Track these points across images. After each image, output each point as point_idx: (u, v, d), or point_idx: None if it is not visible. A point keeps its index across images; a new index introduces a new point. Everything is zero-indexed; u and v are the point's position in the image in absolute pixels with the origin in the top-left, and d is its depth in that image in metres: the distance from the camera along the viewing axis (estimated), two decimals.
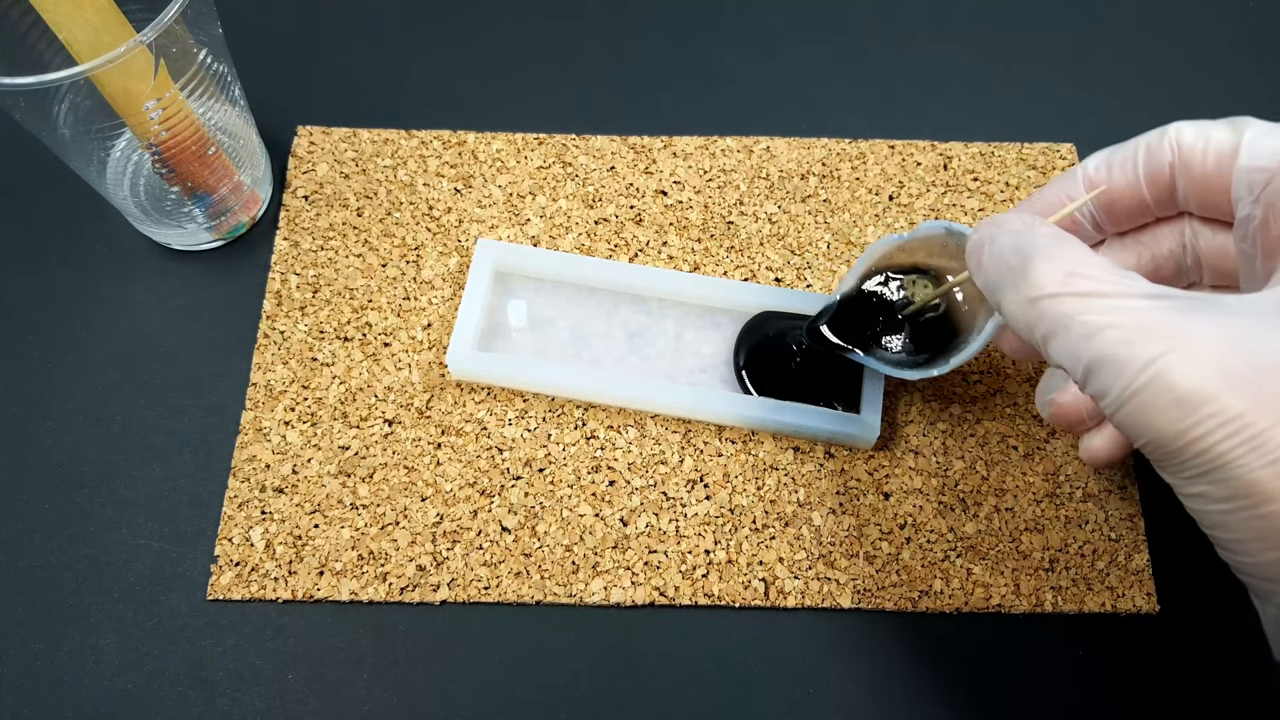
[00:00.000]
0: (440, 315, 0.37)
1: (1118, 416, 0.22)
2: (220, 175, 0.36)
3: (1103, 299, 0.22)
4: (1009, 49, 0.45)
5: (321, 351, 0.37)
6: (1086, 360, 0.22)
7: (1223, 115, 0.44)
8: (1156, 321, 0.21)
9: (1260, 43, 0.45)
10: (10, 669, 0.32)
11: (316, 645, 0.32)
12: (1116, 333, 0.21)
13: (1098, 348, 0.21)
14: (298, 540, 0.33)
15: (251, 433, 0.35)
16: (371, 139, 0.41)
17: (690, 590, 0.33)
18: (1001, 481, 0.35)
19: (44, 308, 0.37)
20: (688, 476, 0.35)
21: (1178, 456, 0.21)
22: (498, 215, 0.40)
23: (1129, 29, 0.45)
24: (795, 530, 0.34)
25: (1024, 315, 0.23)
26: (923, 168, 0.41)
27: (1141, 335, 0.21)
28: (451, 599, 0.33)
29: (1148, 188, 0.27)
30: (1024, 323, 0.23)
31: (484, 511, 0.34)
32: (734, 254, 0.39)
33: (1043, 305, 0.23)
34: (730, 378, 0.36)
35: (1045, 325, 0.23)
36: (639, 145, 0.41)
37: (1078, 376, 0.22)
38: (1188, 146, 0.26)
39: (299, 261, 0.39)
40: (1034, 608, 0.33)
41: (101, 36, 0.30)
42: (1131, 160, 0.28)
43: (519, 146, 0.41)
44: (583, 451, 0.35)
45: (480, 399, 0.36)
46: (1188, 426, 0.20)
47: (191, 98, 0.33)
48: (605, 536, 0.34)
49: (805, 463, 0.35)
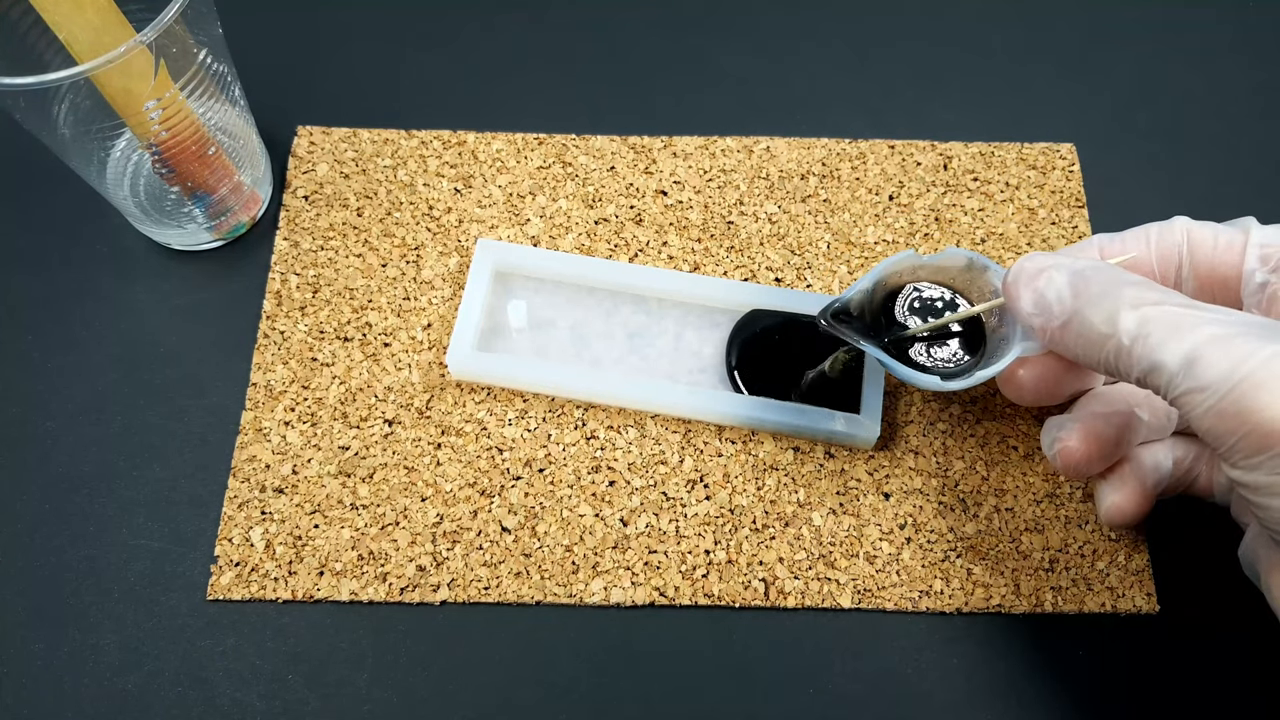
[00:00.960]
0: (440, 315, 0.37)
1: (1219, 405, 0.23)
2: (220, 175, 0.36)
3: (1203, 310, 0.24)
4: (1009, 49, 0.45)
5: (321, 351, 0.37)
6: (1186, 351, 0.23)
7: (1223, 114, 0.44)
8: (1256, 325, 0.24)
9: (1260, 42, 0.45)
10: (10, 669, 0.32)
11: (316, 645, 0.32)
12: (1221, 329, 0.23)
13: (1203, 340, 0.23)
14: (298, 540, 0.33)
15: (251, 433, 0.35)
16: (371, 139, 0.41)
17: (690, 590, 0.33)
18: (1001, 481, 0.35)
19: (44, 308, 0.37)
20: (688, 476, 0.35)
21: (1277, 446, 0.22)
22: (498, 215, 0.40)
23: (1129, 29, 0.45)
24: (795, 530, 0.34)
25: (1119, 323, 0.25)
26: (923, 168, 0.41)
27: (1244, 333, 0.23)
28: (451, 599, 0.33)
29: (1157, 261, 0.30)
30: (1111, 330, 0.25)
31: (484, 512, 0.34)
32: (734, 254, 0.39)
33: (1146, 311, 0.25)
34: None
35: (1146, 327, 0.24)
36: (639, 145, 0.41)
37: (1173, 370, 0.24)
38: (1196, 232, 0.29)
39: (299, 261, 0.39)
40: (1034, 608, 0.33)
41: (102, 36, 0.30)
42: (1143, 235, 0.30)
43: (519, 146, 0.41)
44: (583, 451, 0.35)
45: (480, 399, 0.36)
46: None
47: (191, 98, 0.33)
48: (605, 537, 0.34)
49: (805, 463, 0.35)
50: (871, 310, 0.32)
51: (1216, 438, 0.24)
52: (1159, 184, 0.41)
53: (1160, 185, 0.41)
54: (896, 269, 0.32)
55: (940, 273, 0.32)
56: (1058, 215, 0.40)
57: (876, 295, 0.33)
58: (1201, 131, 0.42)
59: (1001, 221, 0.40)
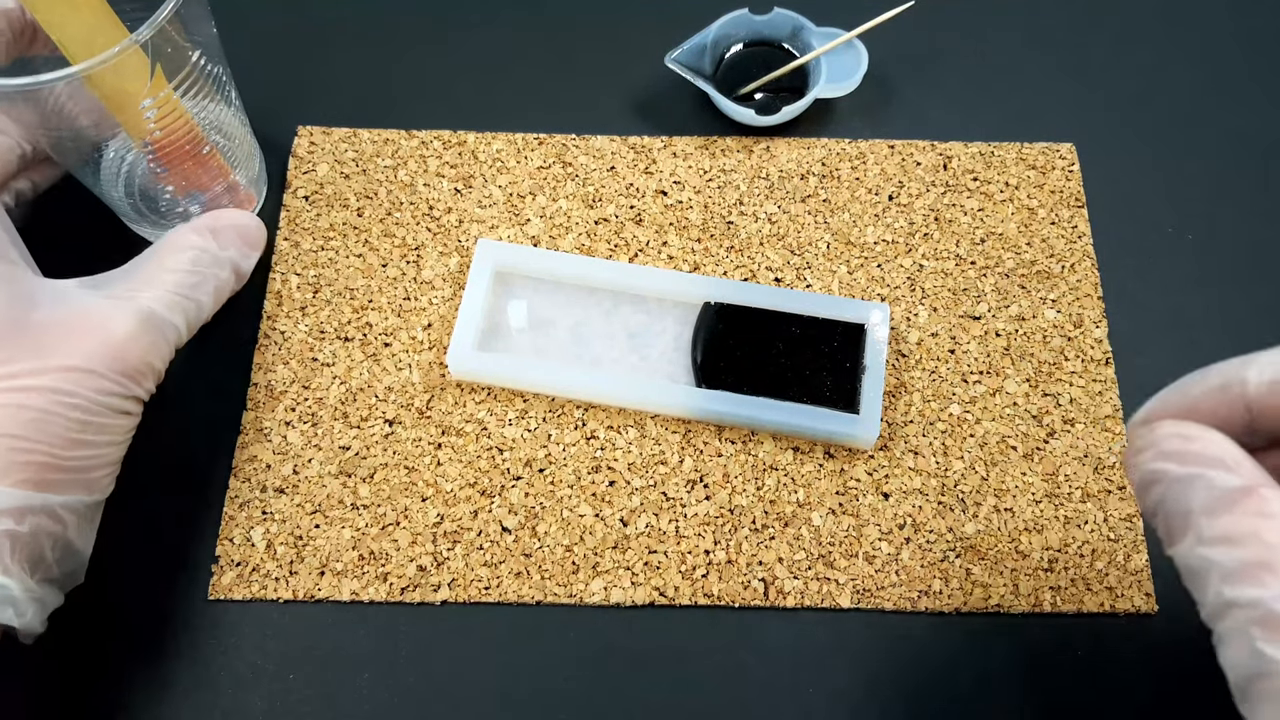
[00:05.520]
0: (440, 315, 0.37)
1: None
2: (214, 174, 0.36)
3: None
4: (1009, 49, 0.45)
5: (322, 352, 0.37)
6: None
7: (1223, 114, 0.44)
8: None
9: (1260, 42, 0.45)
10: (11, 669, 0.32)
11: (317, 645, 0.32)
12: None
13: None
14: (298, 540, 0.34)
15: (252, 433, 0.35)
16: (371, 139, 0.41)
17: (690, 590, 0.33)
18: (1001, 481, 0.35)
19: None
20: (687, 477, 0.35)
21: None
22: (498, 215, 0.40)
23: (1129, 29, 0.45)
24: (795, 530, 0.34)
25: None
26: (922, 167, 0.41)
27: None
28: (452, 599, 0.33)
29: None
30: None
31: (484, 512, 0.34)
32: (734, 254, 0.39)
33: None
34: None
35: None
36: (639, 145, 0.41)
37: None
38: None
39: (299, 261, 0.39)
40: (1033, 608, 0.33)
41: (95, 37, 0.30)
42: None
43: (519, 146, 0.41)
44: (583, 452, 0.35)
45: (480, 399, 0.36)
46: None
47: (186, 97, 0.33)
48: (605, 537, 0.34)
49: (805, 463, 0.35)
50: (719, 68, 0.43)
51: None
52: (1159, 184, 0.41)
53: (1160, 185, 0.41)
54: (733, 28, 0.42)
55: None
56: (1057, 215, 0.40)
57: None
58: (1201, 131, 0.42)
59: (1001, 221, 0.40)
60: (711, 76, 0.42)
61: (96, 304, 0.30)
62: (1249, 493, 0.20)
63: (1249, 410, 0.22)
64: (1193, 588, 0.21)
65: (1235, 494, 0.20)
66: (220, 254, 0.33)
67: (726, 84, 0.42)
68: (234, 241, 0.34)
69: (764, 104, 0.41)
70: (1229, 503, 0.20)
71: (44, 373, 0.27)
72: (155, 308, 0.30)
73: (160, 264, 0.31)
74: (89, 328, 0.29)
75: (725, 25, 0.42)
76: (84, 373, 0.28)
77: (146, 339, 0.30)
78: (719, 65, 0.43)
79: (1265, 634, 0.19)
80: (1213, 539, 0.20)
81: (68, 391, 0.28)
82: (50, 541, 0.28)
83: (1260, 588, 0.19)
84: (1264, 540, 0.20)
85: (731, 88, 0.42)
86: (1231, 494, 0.20)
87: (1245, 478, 0.21)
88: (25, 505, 0.27)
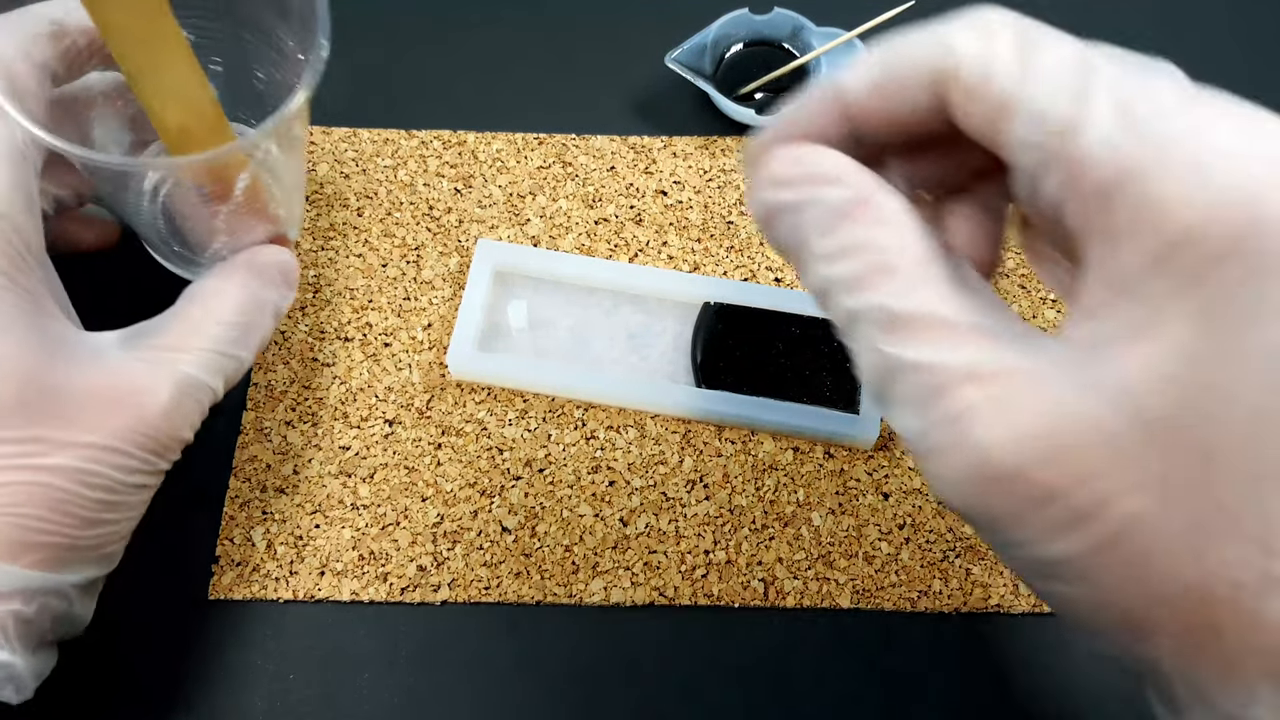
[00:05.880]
0: (440, 315, 0.37)
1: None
2: (270, 230, 0.33)
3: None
4: None
5: (322, 352, 0.37)
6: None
7: None
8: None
9: (1260, 42, 0.45)
10: None
11: (317, 645, 0.32)
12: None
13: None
14: (299, 540, 0.34)
15: (252, 433, 0.35)
16: (371, 139, 0.41)
17: (690, 590, 0.33)
18: None
19: None
20: (687, 477, 0.35)
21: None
22: (498, 215, 0.40)
23: (1129, 29, 0.45)
24: (795, 530, 0.34)
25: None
26: None
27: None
28: (452, 599, 0.33)
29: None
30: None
31: (484, 512, 0.34)
32: (734, 254, 0.39)
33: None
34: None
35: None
36: (639, 145, 0.41)
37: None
38: None
39: (299, 261, 0.38)
40: (1033, 608, 0.33)
41: (183, 89, 0.27)
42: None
43: (519, 146, 0.41)
44: (583, 452, 0.35)
45: (480, 399, 0.36)
46: None
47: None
48: (605, 537, 0.34)
49: (805, 463, 0.35)
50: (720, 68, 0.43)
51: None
52: None
53: None
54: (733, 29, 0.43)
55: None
56: None
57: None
58: None
59: None
60: (711, 76, 0.42)
61: (132, 370, 0.27)
62: (861, 203, 0.19)
63: (851, 120, 0.21)
64: (826, 312, 0.20)
65: (847, 206, 0.19)
66: (264, 299, 0.30)
67: (726, 84, 0.42)
68: (275, 281, 0.31)
69: (764, 104, 0.41)
70: (841, 215, 0.19)
71: (70, 447, 0.26)
72: (193, 372, 0.28)
73: (206, 311, 0.29)
74: (121, 400, 0.27)
75: (725, 25, 0.42)
76: (112, 451, 0.26)
77: (180, 413, 0.27)
78: (719, 65, 0.43)
79: (886, 336, 0.18)
80: (830, 255, 0.19)
81: (92, 471, 0.26)
82: (53, 616, 0.27)
83: (877, 292, 0.19)
84: (879, 245, 0.19)
85: (731, 88, 0.42)
86: (843, 206, 0.20)
87: (855, 188, 0.20)
88: (37, 587, 0.26)
